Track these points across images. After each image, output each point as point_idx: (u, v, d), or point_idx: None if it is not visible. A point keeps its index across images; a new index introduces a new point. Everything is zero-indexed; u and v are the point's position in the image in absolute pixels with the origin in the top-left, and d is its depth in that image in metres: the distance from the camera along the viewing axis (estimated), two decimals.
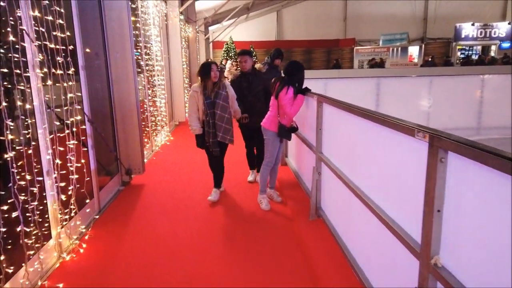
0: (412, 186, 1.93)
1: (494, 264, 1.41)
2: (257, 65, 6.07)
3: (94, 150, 4.24)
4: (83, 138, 3.84)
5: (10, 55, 2.67)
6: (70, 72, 3.45)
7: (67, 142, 3.40)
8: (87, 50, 4.17)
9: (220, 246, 3.55)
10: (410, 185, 2.01)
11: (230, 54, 22.16)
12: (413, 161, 1.94)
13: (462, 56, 22.70)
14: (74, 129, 3.53)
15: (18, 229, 2.65)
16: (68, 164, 3.42)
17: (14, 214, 2.59)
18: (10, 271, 2.57)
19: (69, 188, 3.41)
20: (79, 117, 3.65)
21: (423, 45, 23.63)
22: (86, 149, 3.92)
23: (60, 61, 3.28)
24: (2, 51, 2.62)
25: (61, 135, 3.32)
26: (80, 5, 4.07)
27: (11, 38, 2.67)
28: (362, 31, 25.27)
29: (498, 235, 1.37)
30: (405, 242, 1.99)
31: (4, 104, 2.53)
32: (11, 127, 2.60)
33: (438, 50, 24.10)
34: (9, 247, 2.55)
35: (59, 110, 3.31)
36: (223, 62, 18.58)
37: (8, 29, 2.65)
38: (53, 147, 3.19)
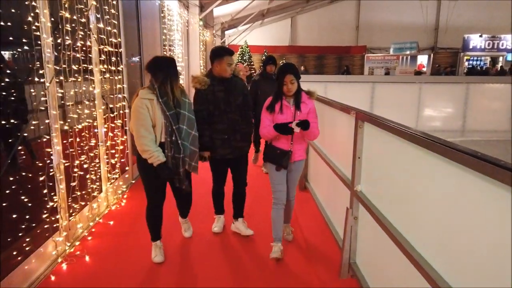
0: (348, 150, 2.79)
1: (390, 189, 2.41)
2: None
3: None
4: (126, 120, 4.94)
5: (77, 55, 3.77)
6: (119, 68, 4.56)
7: (115, 121, 4.51)
8: (133, 58, 5.28)
9: None
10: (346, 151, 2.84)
11: (245, 58, 23.24)
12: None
13: (469, 66, 23.40)
14: (121, 112, 4.64)
15: (73, 184, 3.75)
16: (115, 139, 4.53)
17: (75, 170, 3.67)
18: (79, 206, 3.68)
19: (115, 156, 4.51)
20: (125, 103, 4.76)
21: (432, 54, 24.39)
22: (126, 128, 5.01)
23: (113, 60, 4.39)
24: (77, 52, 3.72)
25: (112, 115, 4.43)
26: (124, 15, 5.18)
27: (88, 42, 3.78)
28: (373, 39, 26.12)
29: (391, 170, 2.39)
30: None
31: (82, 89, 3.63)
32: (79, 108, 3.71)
33: (446, 60, 24.88)
34: (77, 193, 3.64)
35: (112, 96, 4.42)
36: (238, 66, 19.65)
37: (81, 34, 3.76)
38: (105, 125, 4.29)
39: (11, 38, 2.87)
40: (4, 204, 2.64)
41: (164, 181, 3.13)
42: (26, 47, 2.98)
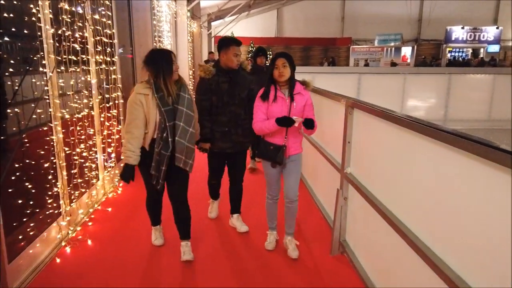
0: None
1: (377, 169, 2.61)
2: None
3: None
4: (120, 110, 5.04)
5: (76, 46, 3.85)
6: (114, 59, 4.64)
7: (111, 111, 4.60)
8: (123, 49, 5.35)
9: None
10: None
11: None
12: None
13: (450, 58, 23.94)
14: (116, 102, 4.74)
15: (74, 171, 3.86)
16: (111, 128, 4.63)
17: (75, 158, 3.77)
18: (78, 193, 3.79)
19: (112, 145, 4.62)
20: (119, 93, 4.85)
21: (415, 46, 24.83)
22: (122, 118, 5.10)
23: (108, 51, 4.48)
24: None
25: (107, 105, 4.52)
26: (117, 8, 5.24)
27: (85, 34, 3.87)
28: (358, 31, 26.42)
29: (379, 152, 2.59)
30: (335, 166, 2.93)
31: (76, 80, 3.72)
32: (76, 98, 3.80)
33: (430, 51, 25.39)
34: (76, 181, 3.75)
35: (107, 86, 4.52)
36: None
37: (79, 25, 3.84)
38: (101, 115, 4.39)
39: (13, 29, 2.94)
40: (10, 190, 2.75)
41: (125, 179, 2.91)
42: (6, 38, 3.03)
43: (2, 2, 2.73)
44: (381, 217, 2.42)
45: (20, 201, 2.89)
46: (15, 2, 2.93)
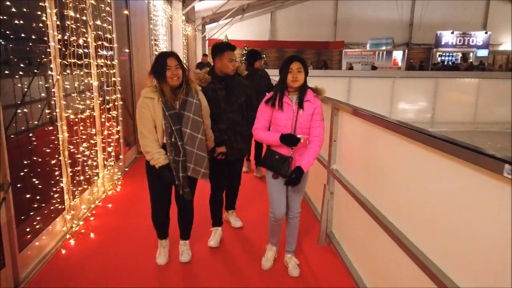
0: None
1: (360, 166, 2.86)
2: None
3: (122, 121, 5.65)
4: (120, 111, 5.25)
5: (73, 49, 4.06)
6: (114, 62, 4.86)
7: (111, 112, 4.81)
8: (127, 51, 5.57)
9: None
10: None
11: None
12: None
13: (435, 62, 24.41)
14: (116, 104, 4.95)
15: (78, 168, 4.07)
16: (110, 128, 4.84)
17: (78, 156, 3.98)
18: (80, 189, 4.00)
19: (111, 145, 4.82)
20: (119, 95, 5.06)
21: (406, 50, 25.25)
22: (121, 119, 5.31)
23: (108, 55, 4.70)
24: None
25: (107, 106, 4.74)
26: (116, 13, 5.45)
27: (88, 39, 4.08)
28: (351, 35, 26.75)
29: (361, 150, 2.84)
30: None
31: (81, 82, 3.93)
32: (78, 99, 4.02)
33: (420, 56, 25.81)
34: (79, 178, 3.96)
35: (108, 89, 4.73)
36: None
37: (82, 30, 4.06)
38: (102, 116, 4.60)
39: (23, 35, 3.15)
40: (18, 186, 2.95)
41: (168, 185, 2.95)
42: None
43: (14, 10, 2.94)
44: (363, 210, 2.66)
45: (28, 196, 3.10)
46: (25, 10, 3.14)
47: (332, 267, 3.17)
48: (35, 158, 3.21)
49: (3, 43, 2.88)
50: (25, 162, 3.04)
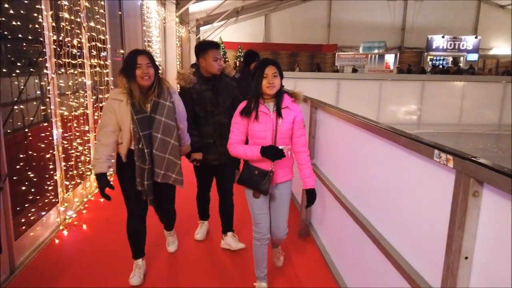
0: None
1: (337, 161, 3.05)
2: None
3: None
4: None
5: (68, 49, 4.25)
6: (107, 63, 5.04)
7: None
8: (121, 51, 5.75)
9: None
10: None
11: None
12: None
13: (432, 65, 24.82)
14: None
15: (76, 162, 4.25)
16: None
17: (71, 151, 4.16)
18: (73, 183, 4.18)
19: None
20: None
21: (398, 54, 25.63)
22: None
23: (102, 56, 4.88)
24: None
25: (100, 105, 4.92)
26: (109, 14, 5.64)
27: (84, 40, 4.27)
28: (344, 38, 27.09)
29: (336, 146, 3.05)
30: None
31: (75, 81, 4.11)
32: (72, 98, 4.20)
33: (412, 59, 26.24)
34: (72, 173, 4.13)
35: (101, 88, 4.91)
36: None
37: (79, 33, 4.25)
38: (95, 113, 4.78)
39: (20, 35, 3.33)
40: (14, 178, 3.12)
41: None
42: None
43: (12, 12, 3.12)
44: (339, 204, 2.80)
45: (23, 188, 3.27)
46: (22, 12, 3.32)
47: (310, 257, 3.35)
48: (30, 153, 3.39)
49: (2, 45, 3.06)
50: (21, 156, 3.22)
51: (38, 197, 3.47)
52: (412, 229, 1.81)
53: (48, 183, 3.61)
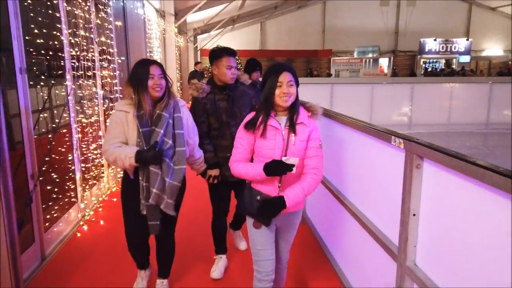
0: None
1: (328, 155, 3.46)
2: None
3: None
4: None
5: (83, 63, 4.67)
6: (115, 74, 5.48)
7: None
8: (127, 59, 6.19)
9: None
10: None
11: None
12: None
13: (425, 68, 25.40)
14: None
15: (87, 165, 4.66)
16: None
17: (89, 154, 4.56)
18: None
19: None
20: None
21: (392, 57, 26.19)
22: None
23: (110, 67, 5.32)
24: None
25: (111, 112, 5.34)
26: (115, 28, 6.08)
27: (96, 53, 4.70)
28: (338, 43, 27.63)
29: (329, 143, 3.46)
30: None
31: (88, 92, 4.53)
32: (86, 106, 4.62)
33: (405, 63, 26.80)
34: (89, 174, 4.54)
35: (112, 97, 5.34)
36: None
37: (91, 45, 4.67)
38: (106, 121, 5.20)
39: (43, 52, 3.76)
40: (40, 179, 3.53)
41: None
42: None
43: (36, 31, 3.55)
44: (331, 194, 3.13)
45: (48, 188, 3.67)
46: (44, 31, 3.74)
47: (306, 245, 3.71)
48: (53, 156, 3.79)
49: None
50: (46, 159, 3.62)
51: (60, 196, 3.87)
52: (377, 197, 2.26)
53: (69, 183, 4.00)
